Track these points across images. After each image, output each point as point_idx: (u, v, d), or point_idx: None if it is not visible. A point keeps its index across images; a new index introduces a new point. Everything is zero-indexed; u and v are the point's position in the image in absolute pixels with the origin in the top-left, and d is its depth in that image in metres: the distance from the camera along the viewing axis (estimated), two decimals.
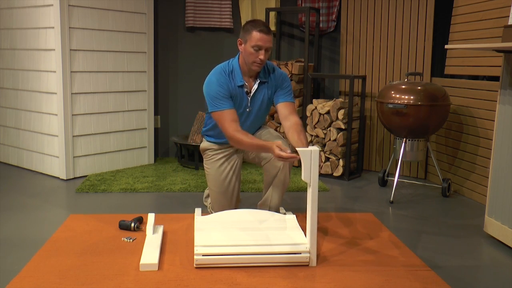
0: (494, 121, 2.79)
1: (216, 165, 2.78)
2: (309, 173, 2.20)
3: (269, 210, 2.72)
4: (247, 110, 2.69)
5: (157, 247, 2.40)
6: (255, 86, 2.66)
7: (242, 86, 2.64)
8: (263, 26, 2.52)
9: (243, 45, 2.57)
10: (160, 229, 2.66)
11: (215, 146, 2.80)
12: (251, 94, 2.67)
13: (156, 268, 2.21)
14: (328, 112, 4.04)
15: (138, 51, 4.25)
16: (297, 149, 2.24)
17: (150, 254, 2.30)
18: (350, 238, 2.67)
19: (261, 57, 2.52)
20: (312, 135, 4.16)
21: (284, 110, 2.66)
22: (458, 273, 2.27)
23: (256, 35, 2.50)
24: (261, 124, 2.85)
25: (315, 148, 2.19)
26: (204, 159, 2.86)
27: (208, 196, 3.08)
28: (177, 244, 2.52)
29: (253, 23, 2.55)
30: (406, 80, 3.53)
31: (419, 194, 3.67)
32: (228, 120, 2.54)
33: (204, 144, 2.85)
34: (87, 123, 3.97)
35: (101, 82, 4.02)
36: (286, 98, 2.69)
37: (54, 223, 2.85)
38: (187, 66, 4.67)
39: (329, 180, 4.05)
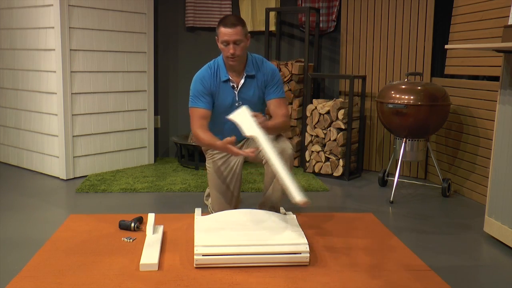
0: (494, 121, 2.79)
1: (217, 164, 2.79)
2: (250, 128, 2.31)
3: (269, 209, 2.72)
4: (236, 104, 2.71)
5: (157, 247, 2.40)
6: (242, 81, 2.68)
7: (227, 81, 2.67)
8: (228, 20, 2.55)
9: (218, 42, 2.63)
10: (160, 229, 2.66)
11: None
12: (238, 89, 2.69)
13: (156, 268, 2.21)
14: (328, 112, 4.04)
15: (138, 51, 4.25)
16: (228, 117, 2.34)
17: (150, 254, 2.30)
18: (350, 238, 2.67)
19: (231, 51, 2.55)
20: (312, 135, 4.16)
21: (273, 106, 2.74)
22: (458, 273, 2.27)
23: (222, 30, 2.55)
24: None
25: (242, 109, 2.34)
26: (206, 158, 2.88)
27: (209, 195, 3.08)
28: (177, 244, 2.52)
29: (222, 19, 2.59)
30: (406, 80, 3.53)
31: (419, 194, 3.67)
32: (196, 117, 2.63)
33: None
34: (87, 123, 3.97)
35: (101, 82, 4.02)
36: (276, 94, 2.72)
37: (54, 223, 2.85)
38: (187, 66, 4.67)
39: (329, 180, 4.05)
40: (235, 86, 2.68)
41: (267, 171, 2.71)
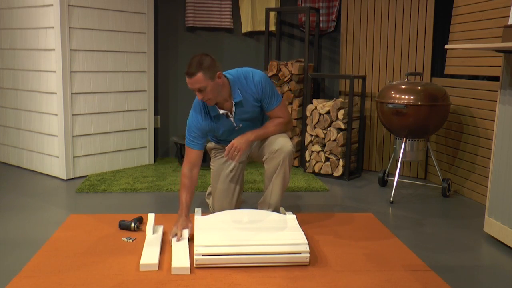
0: (494, 121, 2.79)
1: (220, 162, 2.85)
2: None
3: (269, 207, 2.72)
4: (236, 128, 2.71)
5: (157, 247, 2.40)
6: (234, 109, 2.65)
7: (218, 115, 2.65)
8: (189, 68, 2.47)
9: None
10: (160, 229, 2.66)
11: (220, 146, 2.88)
12: (234, 116, 2.67)
13: (156, 268, 2.21)
14: (328, 112, 4.04)
15: (138, 51, 4.25)
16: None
17: (150, 254, 2.30)
18: (350, 238, 2.67)
19: (200, 97, 2.52)
20: (312, 135, 4.16)
21: (271, 117, 2.75)
22: (458, 273, 2.27)
23: (186, 78, 2.51)
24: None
25: None
26: (211, 158, 2.94)
27: (210, 193, 3.10)
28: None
29: (188, 65, 2.50)
30: (406, 80, 3.53)
31: (419, 194, 3.67)
32: (188, 158, 2.67)
33: (211, 144, 2.94)
34: (87, 123, 3.97)
35: (101, 82, 4.02)
36: (273, 105, 2.70)
37: (54, 223, 2.85)
38: (187, 66, 4.66)
39: (329, 180, 4.05)
40: (229, 114, 2.66)
41: (266, 168, 2.71)
